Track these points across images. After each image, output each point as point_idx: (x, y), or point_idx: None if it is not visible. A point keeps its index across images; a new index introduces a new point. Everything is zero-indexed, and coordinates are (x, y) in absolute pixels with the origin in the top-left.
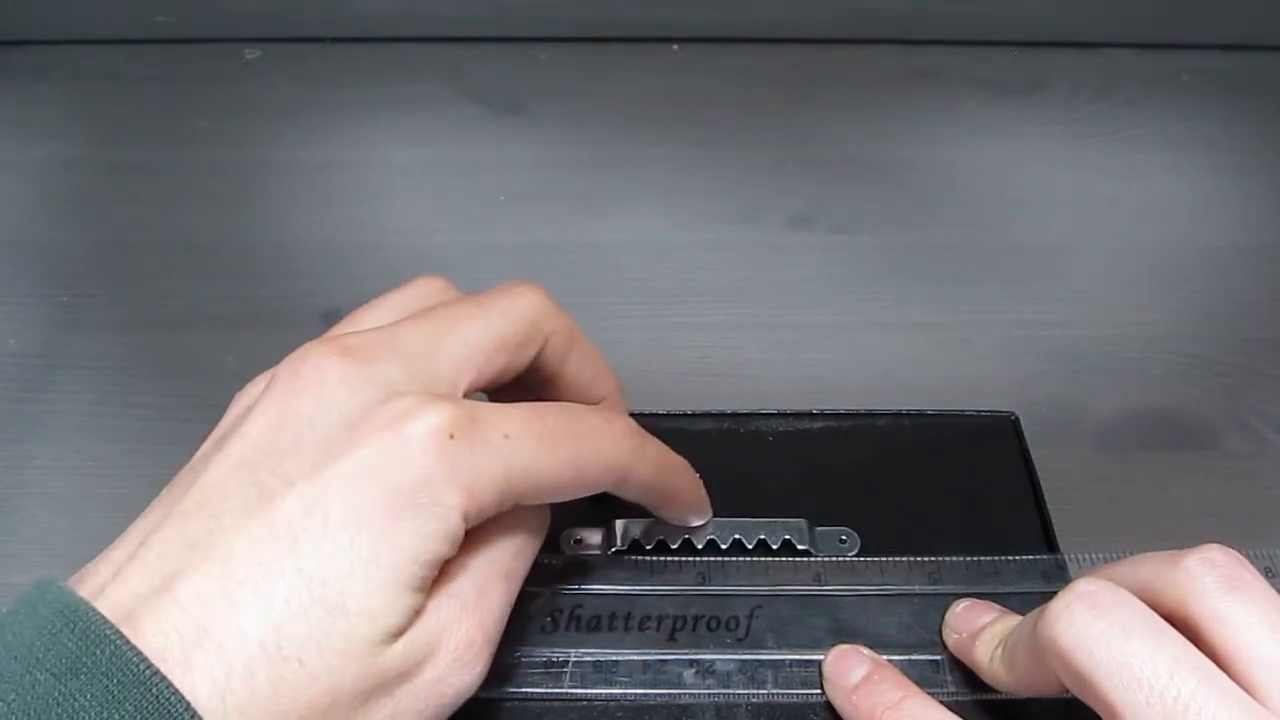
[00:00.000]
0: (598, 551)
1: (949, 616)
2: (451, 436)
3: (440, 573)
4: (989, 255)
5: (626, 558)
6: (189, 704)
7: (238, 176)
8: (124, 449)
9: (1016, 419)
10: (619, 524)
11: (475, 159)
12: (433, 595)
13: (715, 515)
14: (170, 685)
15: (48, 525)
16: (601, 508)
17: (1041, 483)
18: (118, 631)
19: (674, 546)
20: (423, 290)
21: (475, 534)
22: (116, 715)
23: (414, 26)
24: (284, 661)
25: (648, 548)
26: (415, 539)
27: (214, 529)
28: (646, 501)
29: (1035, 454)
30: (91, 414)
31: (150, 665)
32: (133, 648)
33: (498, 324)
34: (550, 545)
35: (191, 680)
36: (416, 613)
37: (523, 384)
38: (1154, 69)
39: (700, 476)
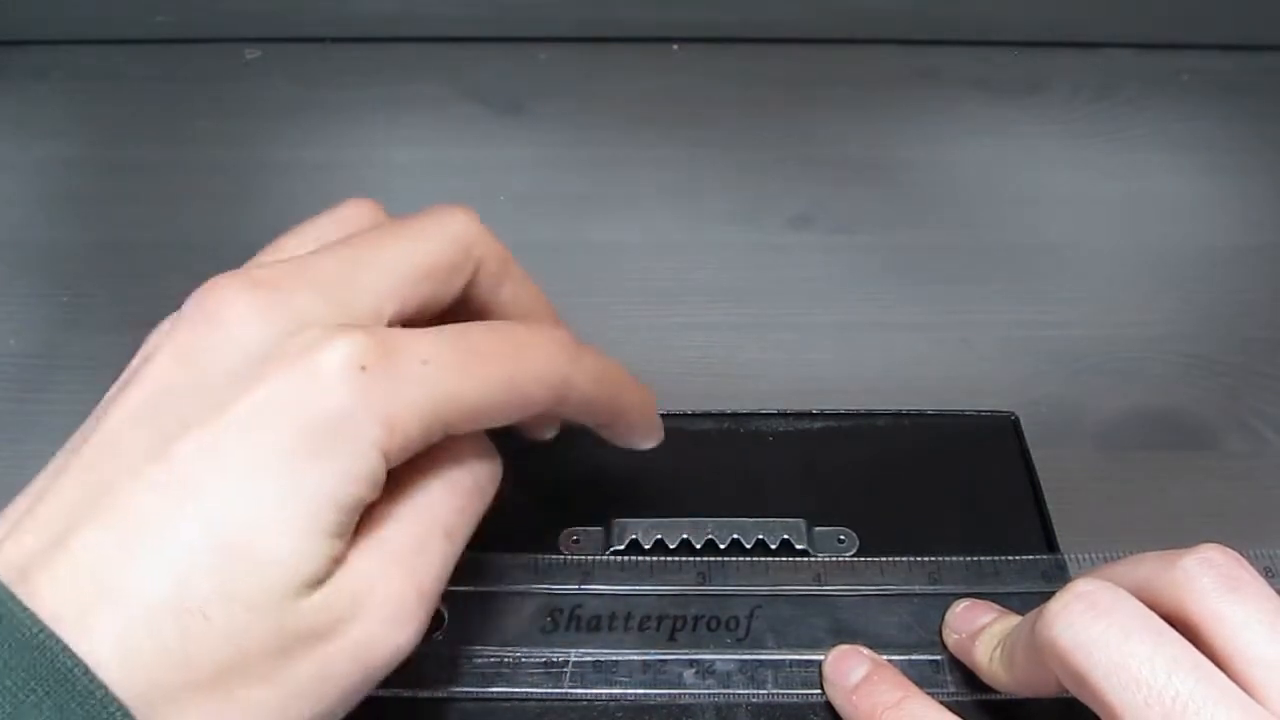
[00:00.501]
0: (597, 552)
1: (949, 616)
2: (365, 367)
3: (370, 522)
4: (989, 255)
5: (626, 558)
6: (86, 667)
7: (238, 176)
8: None
9: (1016, 419)
10: (618, 524)
11: (475, 159)
12: (358, 546)
13: (715, 515)
14: (66, 648)
15: None
16: (601, 508)
17: (1041, 483)
18: (8, 592)
19: (673, 546)
20: (350, 214)
21: (412, 483)
22: (7, 683)
23: (414, 26)
24: (189, 616)
25: (647, 548)
26: (329, 479)
27: (112, 479)
28: (590, 420)
29: (1035, 454)
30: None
31: (44, 628)
32: (25, 609)
33: (424, 248)
34: (550, 545)
35: (90, 641)
36: (336, 561)
37: (452, 317)
38: (1154, 69)
39: (699, 476)
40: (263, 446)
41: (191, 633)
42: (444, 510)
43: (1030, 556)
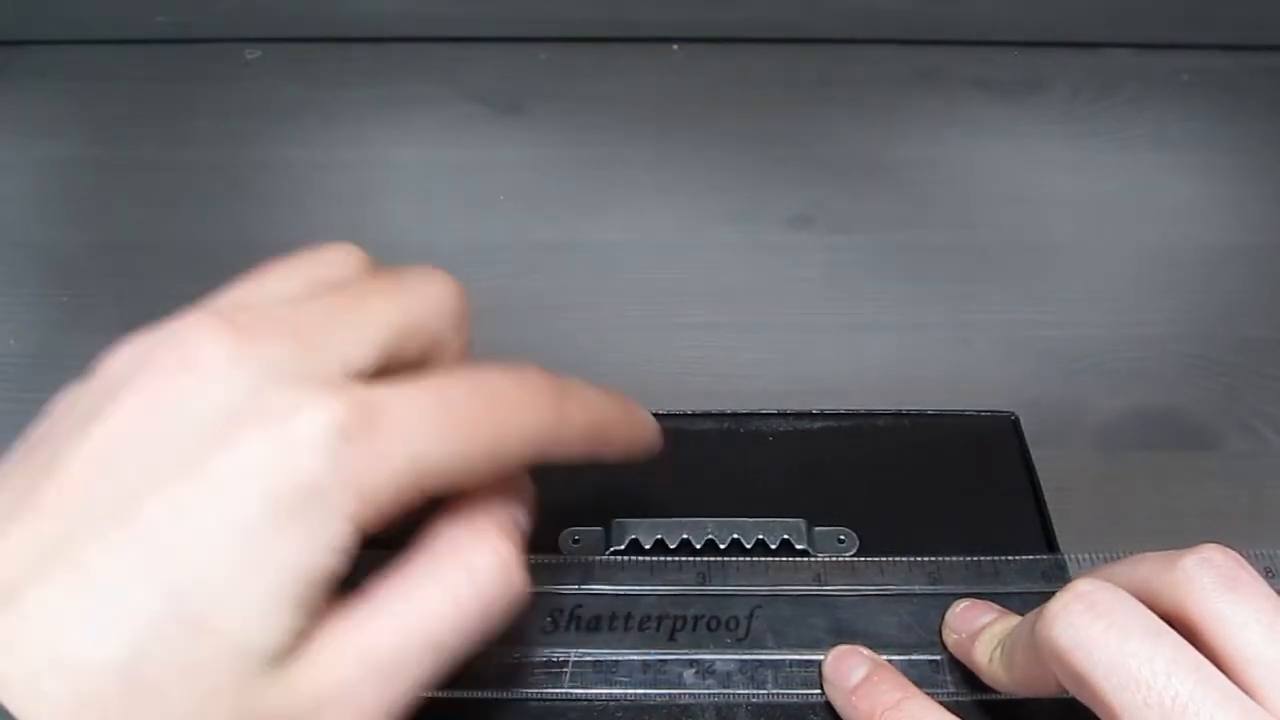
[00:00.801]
0: (597, 552)
1: (949, 617)
2: (342, 435)
3: (355, 614)
4: (989, 255)
5: (626, 558)
6: None
7: (238, 176)
8: None
9: (1016, 419)
10: (618, 524)
11: (475, 159)
12: (335, 636)
13: (715, 515)
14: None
15: None
16: (601, 508)
17: (1041, 483)
18: None
19: (673, 546)
20: (334, 258)
21: (410, 582)
22: None
23: (414, 26)
24: (144, 693)
25: (647, 548)
26: (299, 550)
27: (71, 533)
28: (579, 459)
29: (1035, 454)
30: None
31: None
32: None
33: (405, 308)
34: (550, 545)
35: (38, 711)
36: (301, 637)
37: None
38: (1154, 69)
39: (699, 476)
40: (232, 514)
41: (142, 707)
42: (437, 622)
43: (1030, 556)
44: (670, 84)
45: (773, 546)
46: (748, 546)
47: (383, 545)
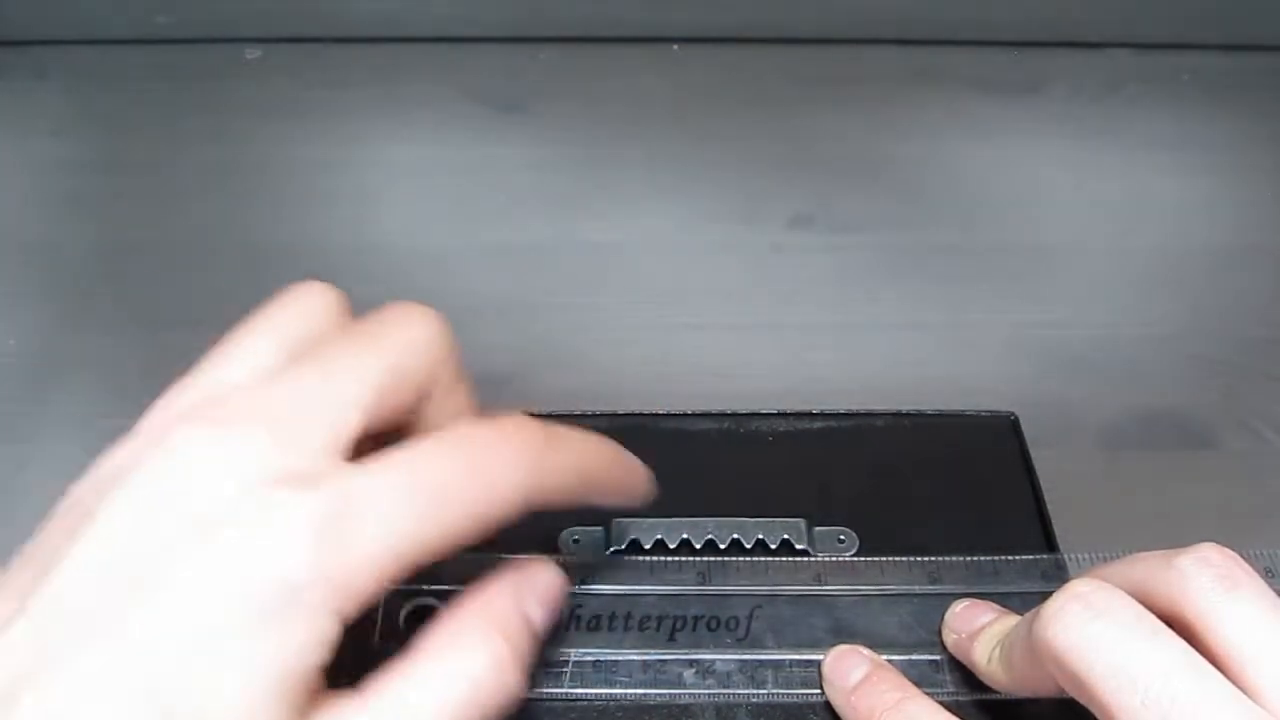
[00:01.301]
0: (598, 552)
1: (948, 617)
2: (319, 531)
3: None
4: (989, 255)
5: (626, 558)
6: None
7: (238, 176)
8: None
9: (1016, 419)
10: (618, 524)
11: (475, 159)
12: None
13: (715, 515)
14: None
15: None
16: (601, 508)
17: (1041, 483)
18: None
19: (673, 546)
20: (307, 307)
21: (404, 688)
22: None
23: (414, 26)
24: None
25: (647, 548)
26: (281, 650)
27: (64, 639)
28: (568, 506)
29: (1035, 454)
30: (91, 414)
31: None
32: None
33: (386, 363)
34: (550, 545)
35: None
36: None
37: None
38: (1154, 69)
39: (699, 476)
40: (214, 618)
41: None
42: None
43: (1030, 556)
44: (670, 84)
45: (773, 546)
46: (748, 546)
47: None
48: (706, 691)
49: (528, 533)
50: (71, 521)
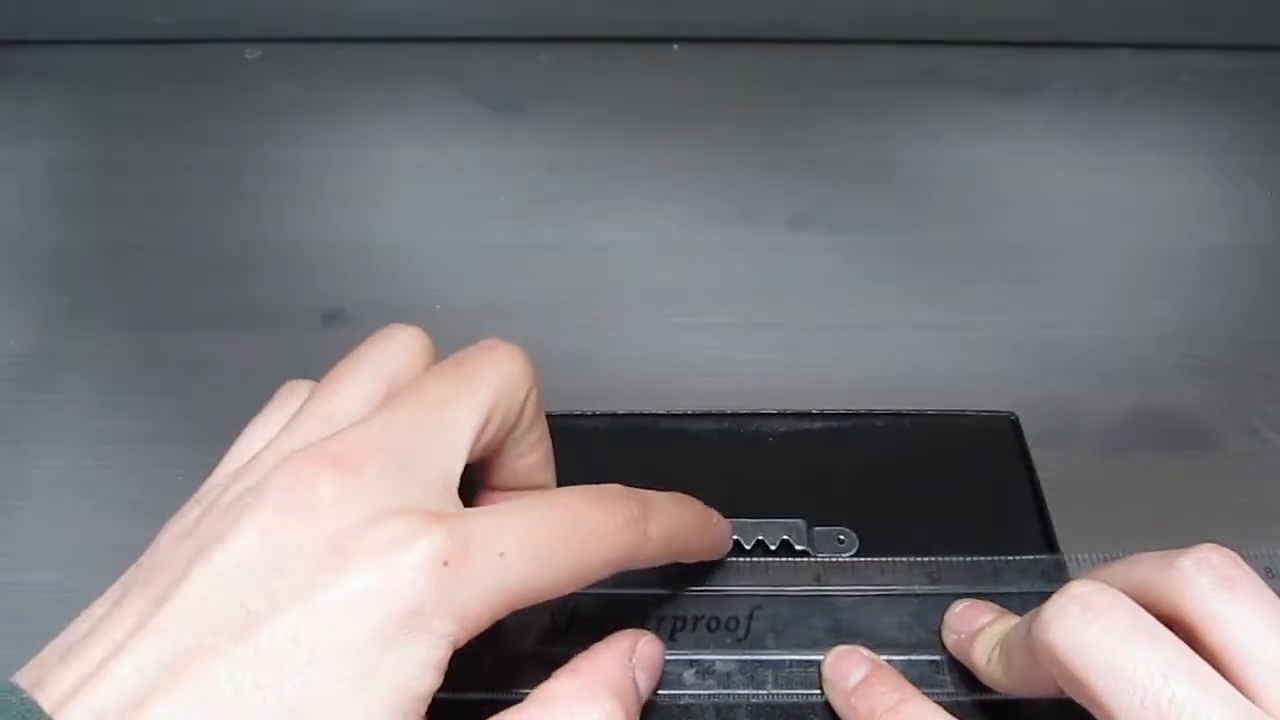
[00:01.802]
0: None
1: (948, 617)
2: (444, 564)
3: None
4: (989, 255)
5: None
6: None
7: (238, 176)
8: (124, 449)
9: (1016, 419)
10: None
11: (475, 159)
12: None
13: None
14: None
15: (47, 526)
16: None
17: (1041, 483)
18: None
19: None
20: (400, 347)
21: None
22: None
23: (414, 26)
24: None
25: None
26: (403, 671)
27: (194, 649)
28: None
29: (1035, 454)
30: (91, 414)
31: None
32: None
33: (485, 400)
34: None
35: None
36: None
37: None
38: (1154, 69)
39: (699, 476)
40: (344, 637)
41: None
42: None
43: (1030, 556)
44: (670, 84)
45: (772, 547)
46: (747, 547)
47: None
48: (707, 692)
49: None
50: (194, 545)
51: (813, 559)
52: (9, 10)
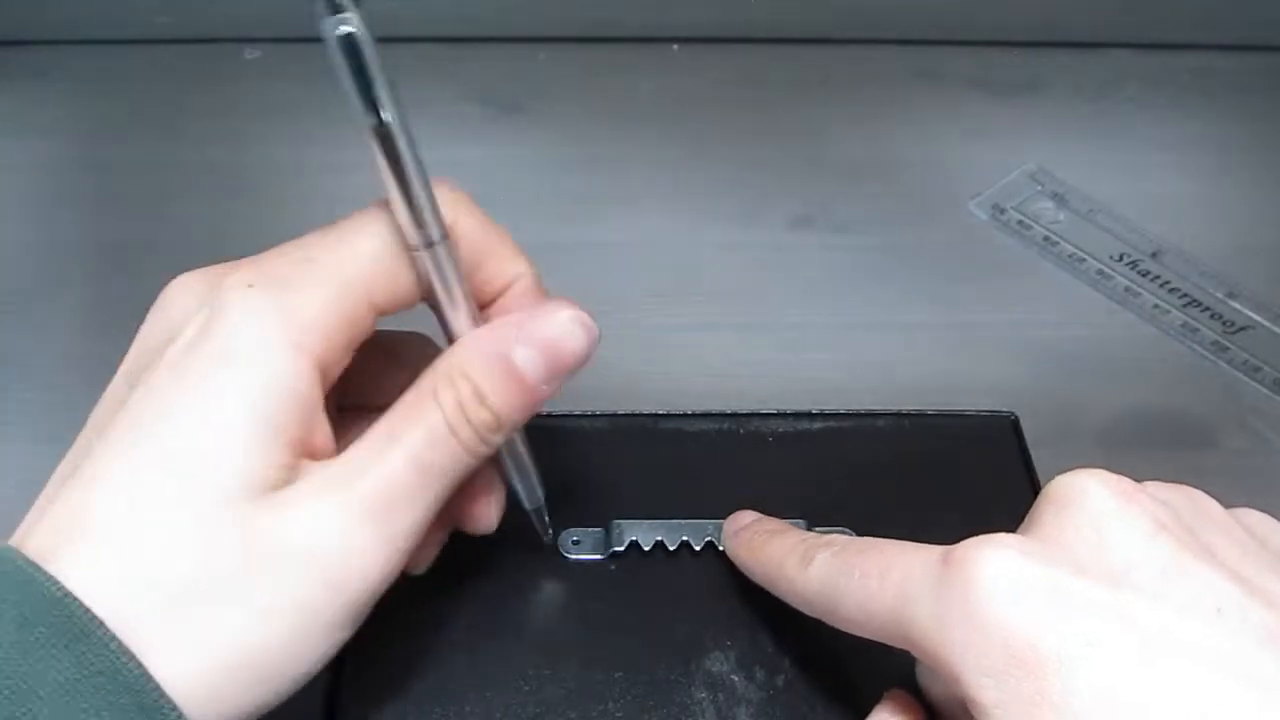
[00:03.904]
0: (598, 553)
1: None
2: (251, 285)
3: (338, 457)
4: (989, 255)
5: (625, 560)
6: (67, 590)
7: (238, 176)
8: None
9: (1016, 419)
10: (617, 525)
11: (475, 159)
12: (321, 470)
13: (715, 516)
14: (50, 578)
15: None
16: (601, 509)
17: (1041, 483)
18: (13, 550)
19: (673, 548)
20: None
21: (403, 418)
22: (11, 613)
23: (414, 26)
24: (146, 533)
25: (647, 549)
26: (245, 382)
27: (83, 445)
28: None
29: (1035, 454)
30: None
31: (29, 562)
32: (17, 553)
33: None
34: (549, 547)
35: (65, 569)
36: (284, 468)
37: None
38: (1154, 69)
39: (698, 476)
40: (183, 373)
41: (149, 548)
42: (416, 442)
43: None
44: (670, 84)
45: None
46: None
47: None
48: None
49: (528, 534)
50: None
51: None
52: (9, 10)
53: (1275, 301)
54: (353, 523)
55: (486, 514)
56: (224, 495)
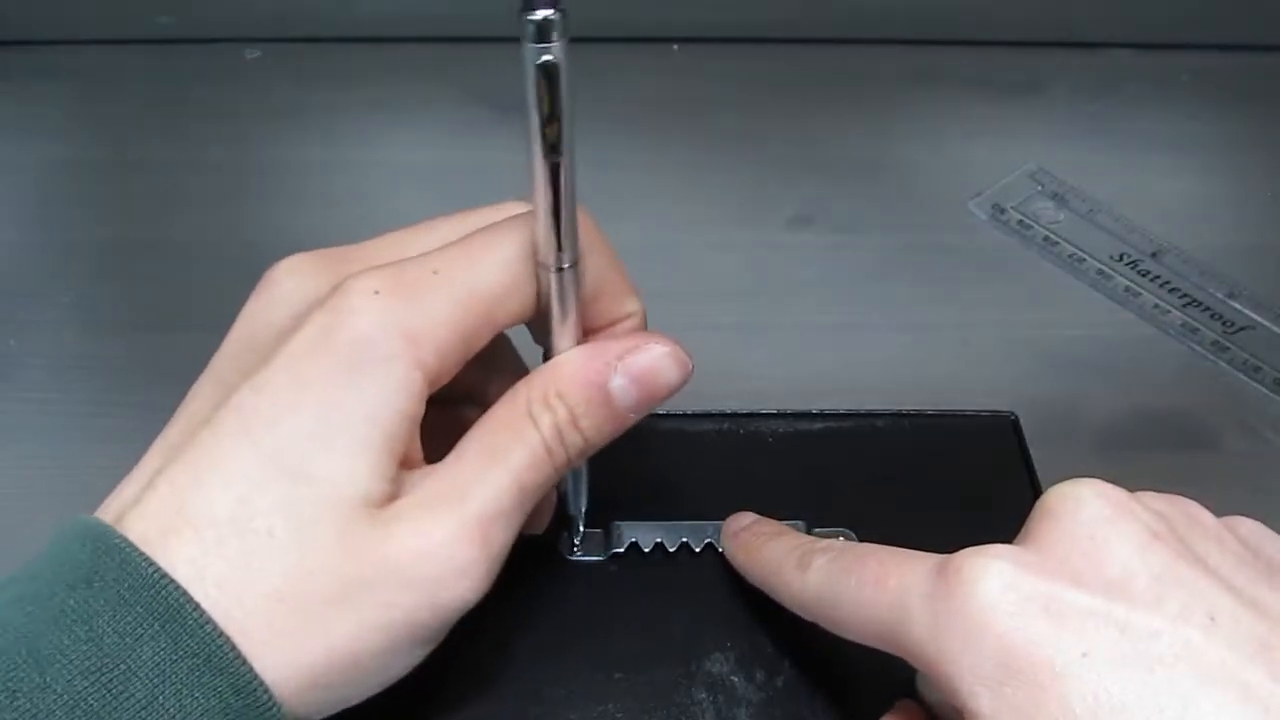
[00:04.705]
0: (598, 553)
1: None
2: (378, 291)
3: (438, 470)
4: (989, 255)
5: (625, 560)
6: (165, 573)
7: (238, 176)
8: (124, 449)
9: (1016, 419)
10: (617, 526)
11: (476, 159)
12: (425, 485)
13: (714, 516)
14: (150, 561)
15: (48, 526)
16: (601, 510)
17: (1041, 483)
18: (106, 525)
19: (673, 550)
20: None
21: (479, 434)
22: (111, 591)
23: (414, 26)
24: (254, 534)
25: (646, 550)
26: (366, 397)
27: (187, 429)
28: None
29: (1035, 454)
30: (91, 414)
31: (127, 542)
32: (119, 535)
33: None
34: (549, 547)
35: (169, 559)
36: (389, 481)
37: None
38: (1154, 69)
39: (698, 476)
40: (301, 377)
41: (255, 549)
42: (518, 461)
43: None
44: (670, 84)
45: None
46: None
47: None
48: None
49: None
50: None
51: None
52: (9, 10)
53: (1275, 301)
54: (460, 544)
55: (541, 518)
56: (334, 508)
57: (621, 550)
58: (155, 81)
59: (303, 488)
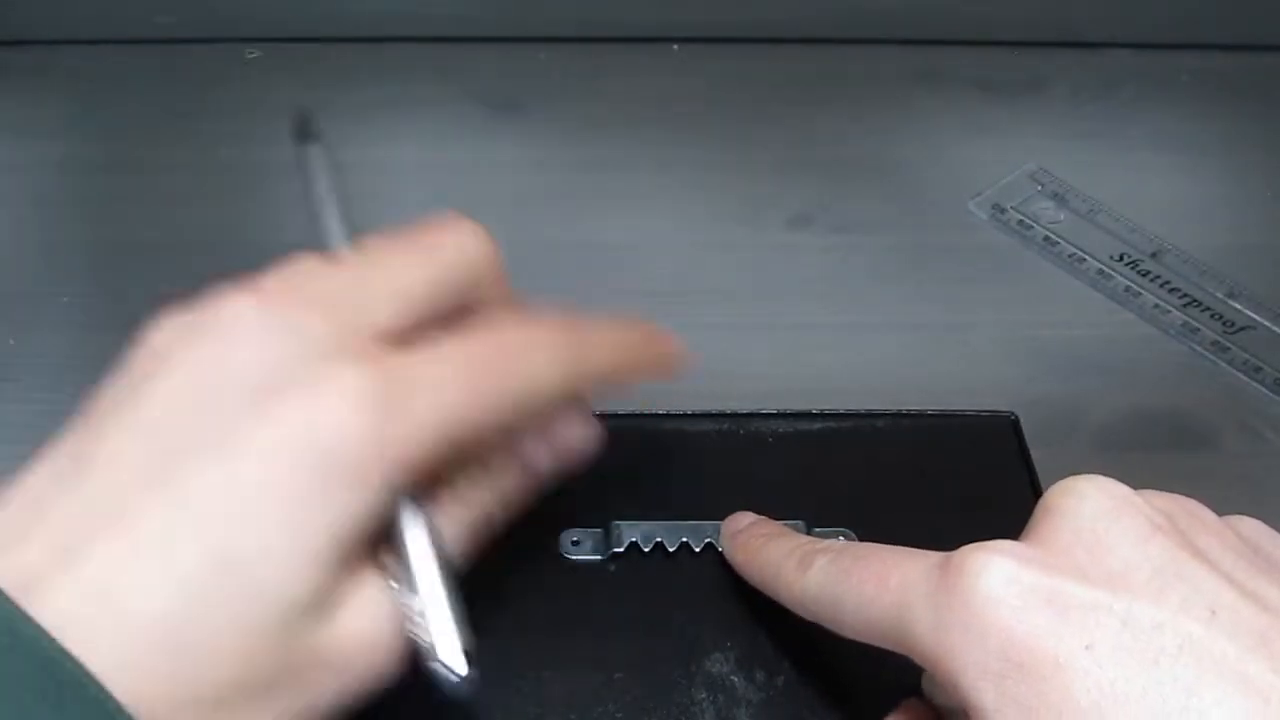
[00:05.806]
0: (598, 554)
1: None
2: (370, 400)
3: (386, 569)
4: (989, 255)
5: (625, 560)
6: (94, 678)
7: (238, 176)
8: None
9: (1016, 419)
10: (617, 526)
11: (475, 159)
12: (372, 590)
13: (714, 516)
14: (74, 660)
15: None
16: (601, 510)
17: (1041, 483)
18: (15, 607)
19: (673, 550)
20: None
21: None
22: (17, 692)
23: (414, 26)
24: (193, 635)
25: (646, 550)
26: (332, 512)
27: (122, 495)
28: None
29: (1035, 454)
30: None
31: (53, 641)
32: (32, 622)
33: (435, 266)
34: (549, 547)
35: (96, 654)
36: (336, 591)
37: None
38: (1154, 69)
39: (698, 476)
40: (270, 477)
41: (194, 652)
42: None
43: None
44: (670, 84)
45: None
46: None
47: None
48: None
49: (527, 535)
50: (121, 393)
51: None
52: (9, 10)
53: (1275, 301)
54: (393, 637)
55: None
56: (280, 614)
57: (621, 550)
58: (155, 81)
59: (246, 594)
